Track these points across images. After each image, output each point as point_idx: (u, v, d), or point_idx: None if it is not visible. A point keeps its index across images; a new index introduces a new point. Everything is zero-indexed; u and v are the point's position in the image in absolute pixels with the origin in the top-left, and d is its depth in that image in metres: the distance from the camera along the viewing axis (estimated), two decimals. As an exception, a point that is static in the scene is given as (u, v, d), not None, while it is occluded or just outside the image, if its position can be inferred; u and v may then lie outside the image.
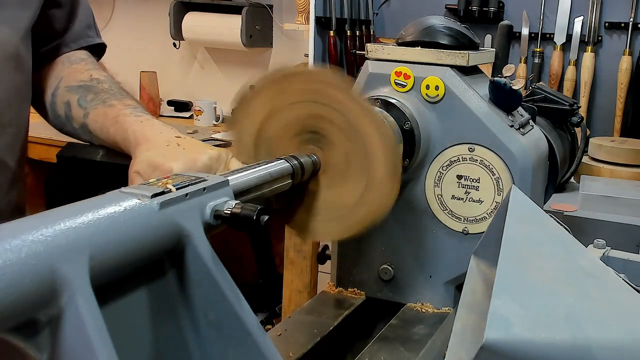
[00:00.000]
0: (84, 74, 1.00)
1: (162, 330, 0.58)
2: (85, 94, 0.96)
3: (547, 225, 0.77)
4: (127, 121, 0.87)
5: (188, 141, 0.81)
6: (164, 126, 0.86)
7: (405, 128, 0.99)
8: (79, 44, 1.06)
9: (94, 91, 0.95)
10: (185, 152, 0.78)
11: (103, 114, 0.91)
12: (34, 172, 2.68)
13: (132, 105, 0.91)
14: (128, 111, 0.89)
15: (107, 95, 0.94)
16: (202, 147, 0.80)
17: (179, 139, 0.81)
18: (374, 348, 0.93)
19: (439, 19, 1.08)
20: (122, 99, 0.93)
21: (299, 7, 2.79)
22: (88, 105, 0.94)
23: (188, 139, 0.83)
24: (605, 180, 1.63)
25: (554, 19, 2.40)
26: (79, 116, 0.95)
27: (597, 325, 0.63)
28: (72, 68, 1.02)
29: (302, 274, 2.30)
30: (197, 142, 0.82)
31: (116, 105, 0.91)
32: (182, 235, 0.57)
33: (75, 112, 0.96)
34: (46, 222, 0.48)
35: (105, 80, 0.98)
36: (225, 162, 0.79)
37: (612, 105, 2.34)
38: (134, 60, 3.31)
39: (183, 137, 0.82)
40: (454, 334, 0.76)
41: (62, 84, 1.00)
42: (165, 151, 0.78)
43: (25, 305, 0.44)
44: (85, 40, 1.08)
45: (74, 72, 1.01)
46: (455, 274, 1.05)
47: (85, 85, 0.97)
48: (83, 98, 0.95)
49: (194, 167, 0.76)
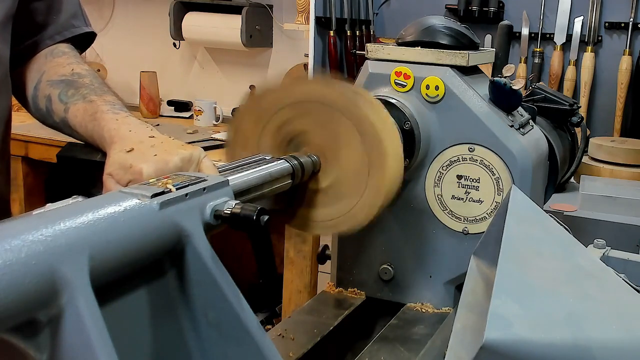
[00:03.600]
0: (65, 68, 1.00)
1: (162, 330, 0.58)
2: (66, 88, 0.96)
3: (547, 225, 0.77)
4: (104, 118, 0.87)
5: (161, 140, 0.81)
6: (140, 125, 0.85)
7: (405, 128, 0.99)
8: (63, 35, 1.06)
9: (74, 86, 0.96)
10: (158, 153, 0.77)
11: (82, 110, 0.91)
12: (34, 172, 2.68)
13: (111, 102, 0.91)
14: (106, 108, 0.89)
15: (88, 91, 0.94)
16: (174, 147, 0.79)
17: (153, 139, 0.81)
18: (374, 348, 0.93)
19: (439, 19, 1.08)
20: (102, 95, 0.93)
21: (299, 7, 2.79)
22: (69, 100, 0.94)
23: (162, 138, 0.82)
24: (605, 180, 1.63)
25: (554, 19, 2.40)
26: (59, 110, 0.95)
27: (597, 325, 0.63)
28: (54, 62, 1.02)
29: (302, 274, 2.30)
30: (171, 142, 0.81)
31: (95, 101, 0.91)
32: (182, 235, 0.57)
33: (55, 107, 0.96)
34: (46, 222, 0.48)
35: (86, 75, 0.98)
36: (197, 161, 0.79)
37: (612, 105, 2.34)
38: (134, 60, 3.31)
39: (157, 137, 0.82)
40: (454, 334, 0.76)
41: (44, 77, 1.00)
42: (137, 152, 0.78)
43: (25, 305, 0.44)
44: (70, 31, 1.07)
45: (55, 66, 1.01)
46: (455, 274, 1.05)
47: (67, 80, 0.97)
48: (64, 93, 0.95)
49: (165, 168, 0.75)
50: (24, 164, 2.64)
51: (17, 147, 2.63)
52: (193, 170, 0.77)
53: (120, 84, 3.39)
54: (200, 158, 0.79)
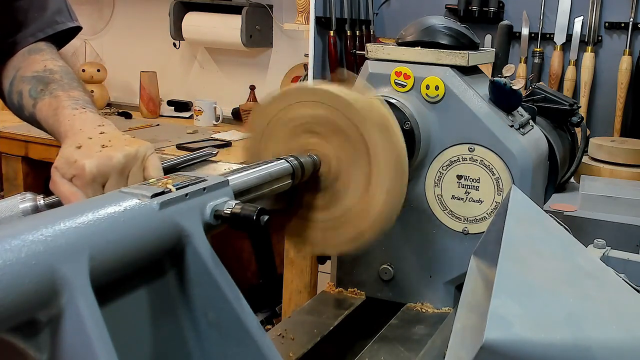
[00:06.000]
0: (39, 65, 1.01)
1: (162, 330, 0.58)
2: (37, 84, 0.97)
3: (547, 225, 0.77)
4: (63, 114, 0.88)
5: (110, 137, 0.81)
6: (94, 121, 0.86)
7: (405, 128, 0.99)
8: (45, 32, 1.07)
9: (44, 82, 0.97)
10: (103, 149, 0.78)
11: (48, 105, 0.93)
12: (34, 172, 2.68)
13: (75, 97, 0.92)
14: (67, 103, 0.90)
15: (56, 86, 0.95)
16: (121, 144, 0.80)
17: (103, 135, 0.82)
18: (374, 348, 0.93)
19: (439, 19, 1.08)
20: (68, 90, 0.94)
21: (299, 7, 2.79)
22: (37, 96, 0.96)
23: (113, 134, 0.83)
24: (605, 180, 1.63)
25: (554, 19, 2.40)
26: (29, 105, 0.97)
27: (597, 325, 0.63)
28: (30, 59, 1.04)
29: (302, 274, 2.30)
30: (120, 138, 0.82)
31: (60, 96, 0.92)
32: (182, 235, 0.57)
33: (26, 102, 0.98)
34: (46, 222, 0.48)
35: (58, 71, 0.99)
36: (143, 158, 0.79)
37: (612, 105, 2.33)
38: (134, 60, 3.31)
39: (107, 133, 0.82)
40: (454, 334, 0.76)
41: (19, 73, 1.02)
42: (84, 148, 0.79)
43: (25, 305, 0.44)
44: (52, 28, 1.08)
45: (31, 63, 1.03)
46: (455, 274, 1.05)
47: (38, 76, 0.99)
48: (34, 88, 0.97)
49: (109, 164, 0.76)
50: (24, 164, 2.65)
51: (17, 147, 2.64)
52: (137, 167, 0.78)
53: (120, 84, 3.40)
54: (147, 155, 0.80)
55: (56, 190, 0.77)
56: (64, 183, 0.77)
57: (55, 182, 0.78)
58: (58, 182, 0.78)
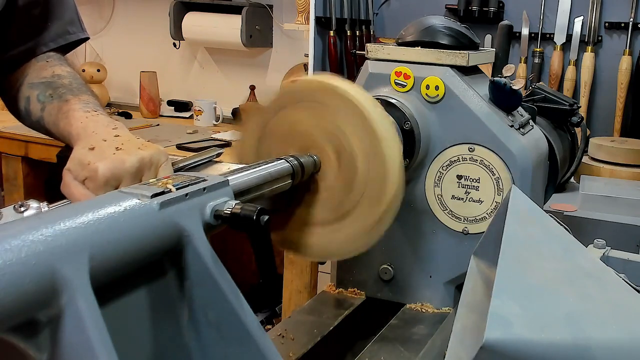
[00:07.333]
0: (47, 71, 1.01)
1: (162, 330, 0.58)
2: (45, 89, 0.97)
3: (547, 225, 0.77)
4: (74, 116, 0.87)
5: (124, 140, 0.80)
6: (107, 123, 0.85)
7: (405, 128, 0.99)
8: (57, 42, 1.07)
9: (53, 86, 0.97)
10: (117, 152, 0.77)
11: (57, 109, 0.92)
12: (34, 172, 2.68)
13: (85, 101, 0.91)
14: (79, 106, 0.89)
15: (65, 90, 0.95)
16: (136, 148, 0.79)
17: (118, 138, 0.81)
18: (374, 348, 0.93)
19: (439, 19, 1.08)
20: (78, 94, 0.93)
21: (299, 7, 2.79)
22: (46, 100, 0.95)
23: (127, 137, 0.82)
24: (605, 180, 1.63)
25: (554, 19, 2.40)
26: (36, 110, 0.97)
27: (597, 325, 0.63)
28: (38, 66, 1.03)
29: (302, 274, 2.30)
30: (135, 142, 0.80)
31: (70, 100, 0.92)
32: (182, 235, 0.57)
33: (33, 107, 0.97)
34: (46, 222, 0.48)
35: (66, 76, 0.99)
36: (157, 164, 0.78)
37: (612, 105, 2.33)
38: (134, 60, 3.30)
39: (121, 136, 0.82)
40: (454, 334, 0.76)
41: (27, 80, 1.02)
42: (97, 150, 0.78)
43: (25, 305, 0.44)
44: (64, 38, 1.08)
45: (38, 70, 1.02)
46: (455, 274, 1.05)
47: (47, 82, 0.98)
48: (42, 93, 0.97)
49: (122, 167, 0.75)
50: (24, 164, 2.65)
51: (17, 147, 2.64)
52: (151, 174, 0.77)
53: (120, 84, 3.40)
54: (160, 162, 0.79)
55: (68, 192, 0.76)
56: (76, 185, 0.76)
57: (67, 184, 0.76)
58: (70, 184, 0.76)
